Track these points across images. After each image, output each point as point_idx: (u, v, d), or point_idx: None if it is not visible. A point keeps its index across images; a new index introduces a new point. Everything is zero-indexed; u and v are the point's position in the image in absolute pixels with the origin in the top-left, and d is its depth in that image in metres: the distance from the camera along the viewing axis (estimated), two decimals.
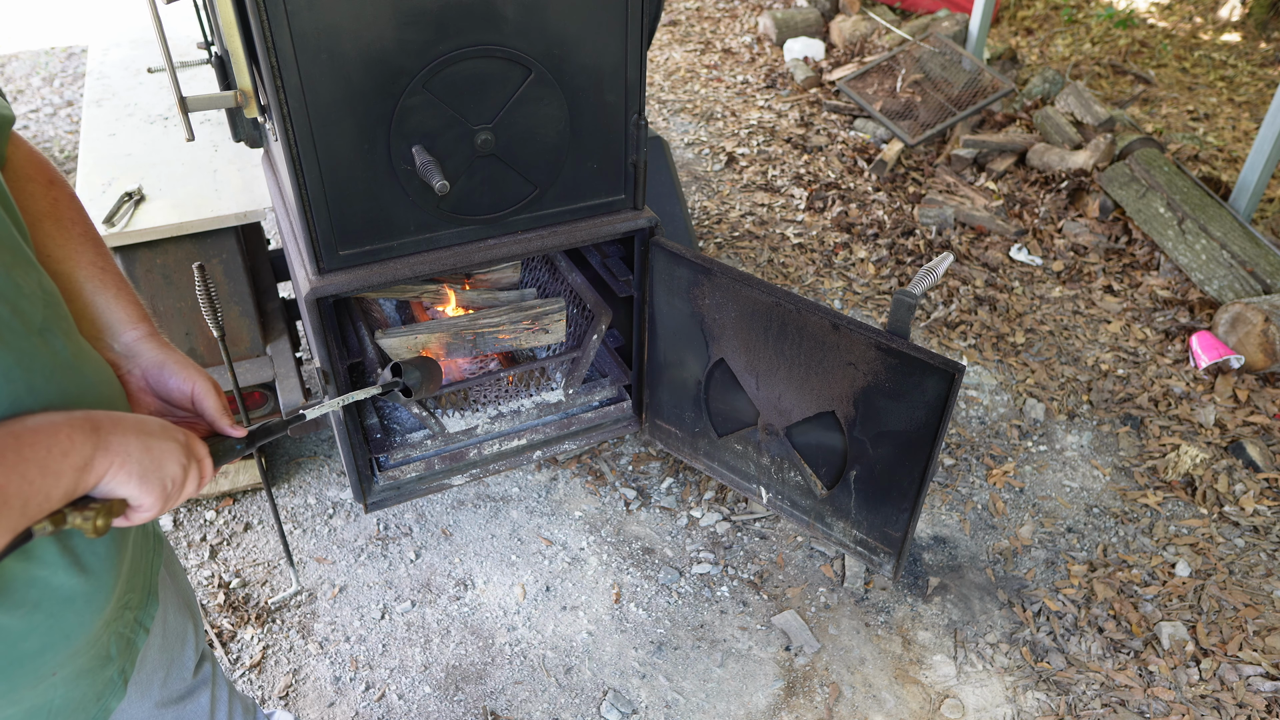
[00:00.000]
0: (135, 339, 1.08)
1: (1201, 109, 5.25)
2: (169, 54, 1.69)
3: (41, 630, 0.89)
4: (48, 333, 0.87)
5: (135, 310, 1.10)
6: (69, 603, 0.91)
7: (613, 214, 2.03)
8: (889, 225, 4.01)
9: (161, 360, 1.08)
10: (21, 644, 0.87)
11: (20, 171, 1.06)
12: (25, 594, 0.86)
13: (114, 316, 1.08)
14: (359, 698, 2.17)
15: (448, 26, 1.61)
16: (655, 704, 2.17)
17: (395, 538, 2.57)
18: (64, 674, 0.96)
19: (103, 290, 1.07)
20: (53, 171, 1.11)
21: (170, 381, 1.07)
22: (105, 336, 1.07)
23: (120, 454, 0.85)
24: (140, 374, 1.08)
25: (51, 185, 1.09)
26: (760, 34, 6.21)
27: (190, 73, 2.77)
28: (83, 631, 0.95)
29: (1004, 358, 3.30)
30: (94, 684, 1.03)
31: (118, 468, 0.84)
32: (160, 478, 0.89)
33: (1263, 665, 2.24)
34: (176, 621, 1.31)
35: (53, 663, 0.93)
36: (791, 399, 2.04)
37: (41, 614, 0.88)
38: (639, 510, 2.67)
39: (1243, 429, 2.96)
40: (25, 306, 0.84)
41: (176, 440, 0.93)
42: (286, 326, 2.55)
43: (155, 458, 0.88)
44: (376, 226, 1.77)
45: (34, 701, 0.94)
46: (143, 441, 0.87)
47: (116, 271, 1.11)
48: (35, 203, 1.06)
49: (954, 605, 2.41)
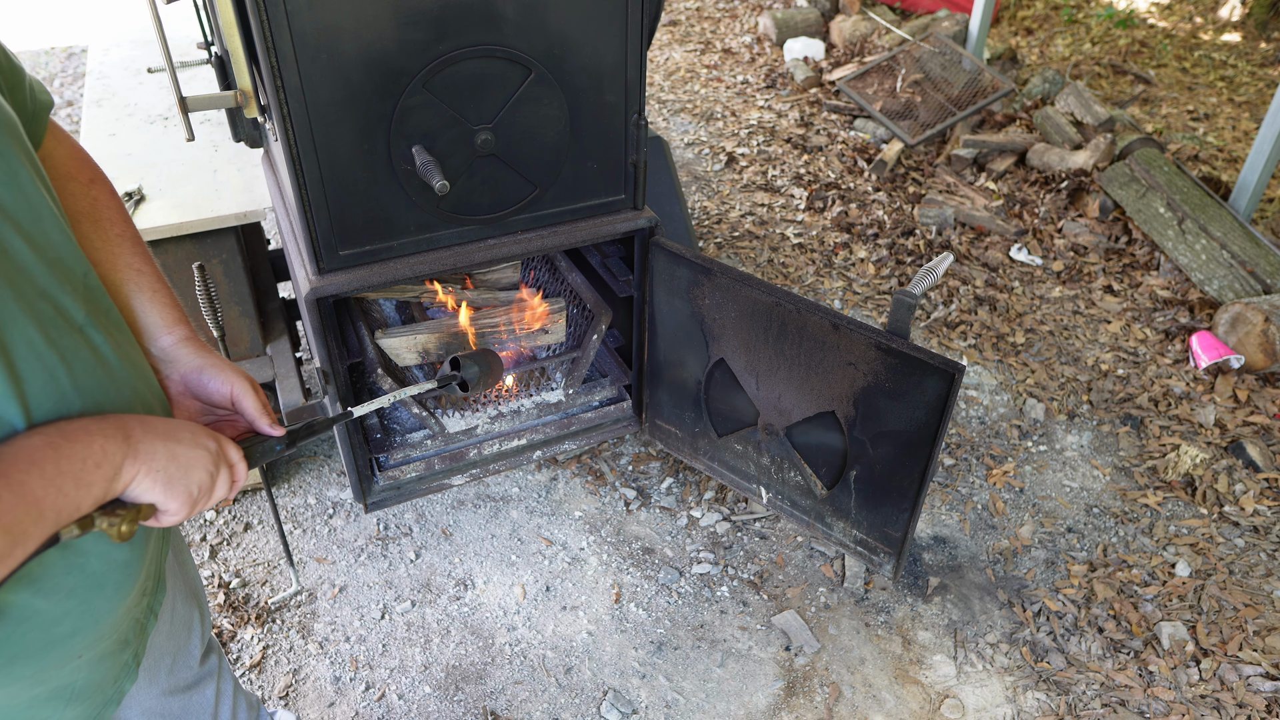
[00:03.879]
0: (172, 343, 1.10)
1: (1201, 109, 5.25)
2: (169, 54, 1.69)
3: (74, 614, 0.91)
4: (89, 328, 0.88)
5: (172, 313, 1.11)
6: (100, 588, 0.94)
7: (613, 214, 2.03)
8: (889, 225, 4.01)
9: (200, 364, 1.09)
10: (55, 627, 0.90)
11: (61, 169, 1.08)
12: (62, 580, 0.88)
13: (151, 320, 1.09)
14: (359, 698, 2.17)
15: (448, 26, 1.61)
16: (655, 704, 2.17)
17: (395, 538, 2.57)
18: (88, 657, 0.98)
19: (140, 292, 1.09)
20: (94, 168, 1.12)
21: (210, 385, 1.09)
22: (143, 340, 1.09)
23: (147, 461, 0.86)
24: (179, 379, 1.09)
25: (92, 184, 1.10)
26: (760, 34, 6.21)
27: (190, 73, 2.77)
28: (110, 615, 0.97)
29: (1004, 358, 3.30)
30: (112, 667, 1.05)
31: (144, 474, 0.86)
32: (186, 485, 0.91)
33: (1263, 665, 2.24)
34: (183, 610, 1.33)
35: (80, 646, 0.95)
36: (791, 399, 2.04)
37: (76, 599, 0.91)
38: (639, 510, 2.67)
39: (1243, 429, 2.96)
40: (67, 304, 0.86)
41: (205, 448, 0.94)
42: (286, 326, 2.55)
43: (182, 465, 0.90)
44: (376, 226, 1.77)
45: (60, 682, 0.96)
46: (170, 449, 0.89)
47: (154, 272, 1.12)
48: (75, 202, 1.07)
49: (954, 605, 2.41)
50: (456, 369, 1.52)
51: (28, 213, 0.84)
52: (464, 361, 1.52)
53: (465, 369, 1.51)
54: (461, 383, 1.52)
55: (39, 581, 0.86)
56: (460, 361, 1.52)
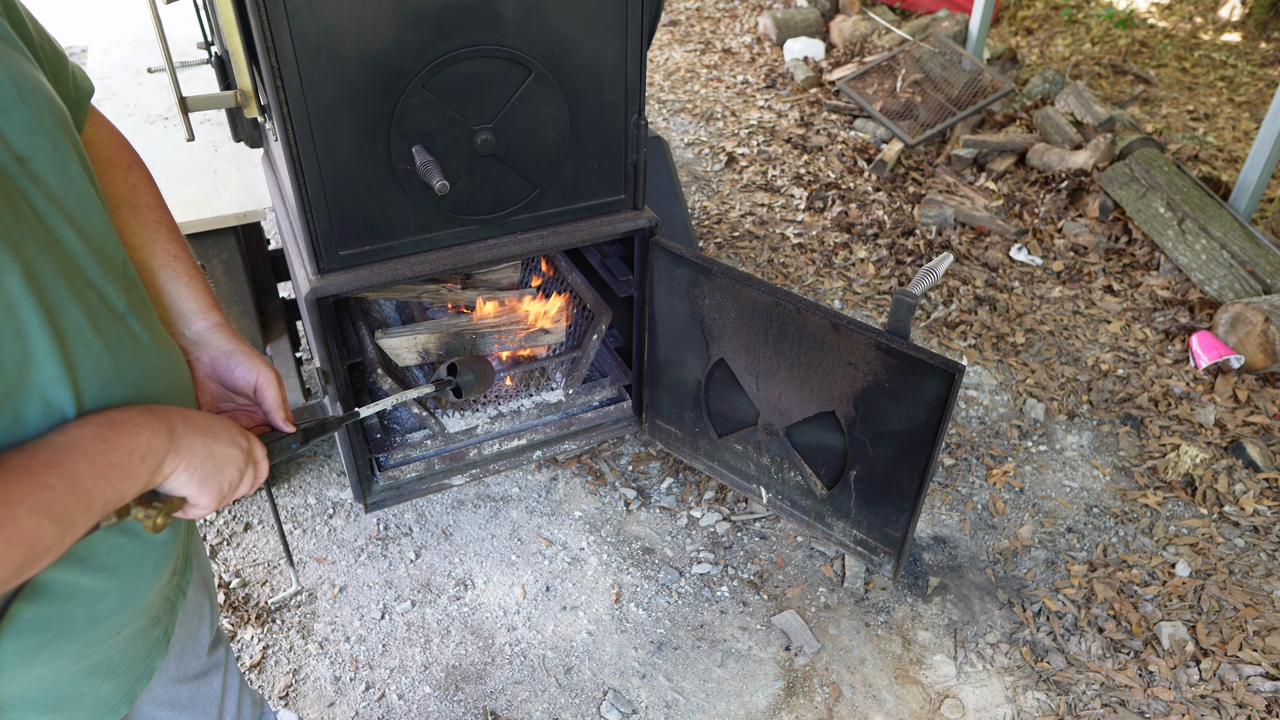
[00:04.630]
0: (206, 328, 1.12)
1: (1201, 109, 5.25)
2: (169, 54, 1.69)
3: (117, 592, 0.93)
4: (129, 316, 0.90)
5: (206, 299, 1.13)
6: (140, 566, 0.96)
7: (613, 214, 2.03)
8: (889, 225, 4.01)
9: (230, 350, 1.12)
10: (99, 604, 0.92)
11: (102, 154, 1.09)
12: (107, 558, 0.90)
13: (186, 305, 1.11)
14: (359, 698, 2.17)
15: (448, 26, 1.61)
16: (655, 704, 2.17)
17: (395, 538, 2.57)
18: (126, 633, 1.00)
19: (175, 279, 1.11)
20: (132, 154, 1.14)
21: (236, 371, 1.11)
22: (177, 324, 1.11)
23: (188, 456, 0.88)
24: (209, 361, 1.12)
25: (130, 169, 1.12)
26: (760, 34, 6.21)
27: (190, 73, 2.78)
28: (148, 593, 1.00)
29: (1004, 358, 3.30)
30: (145, 643, 1.08)
31: (183, 469, 0.88)
32: (219, 481, 0.93)
33: (1263, 665, 2.24)
34: (196, 597, 1.35)
35: (120, 622, 0.97)
36: (791, 399, 2.04)
37: (119, 577, 0.93)
38: (639, 510, 2.67)
39: (1243, 429, 2.96)
40: (110, 292, 0.88)
41: (239, 446, 0.96)
42: (286, 326, 2.55)
43: (218, 462, 0.92)
44: (376, 226, 1.77)
45: (99, 658, 0.98)
46: (208, 445, 0.91)
47: (189, 258, 1.14)
48: (115, 188, 1.09)
49: (954, 605, 2.41)
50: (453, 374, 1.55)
51: (76, 202, 0.86)
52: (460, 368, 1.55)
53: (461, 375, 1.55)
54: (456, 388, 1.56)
55: (85, 561, 0.88)
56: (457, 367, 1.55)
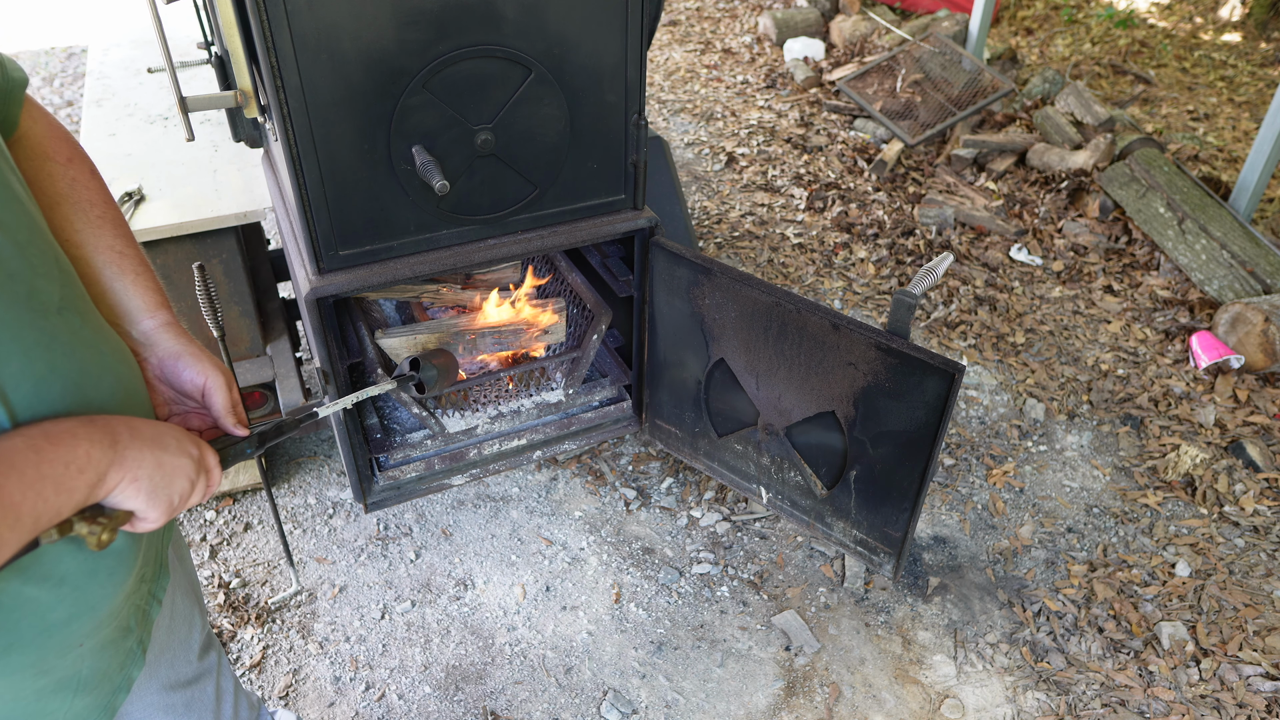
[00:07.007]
0: (154, 327, 1.08)
1: (1201, 109, 5.25)
2: (169, 54, 1.69)
3: (68, 601, 0.90)
4: (66, 311, 0.86)
5: (154, 297, 1.09)
6: (93, 575, 0.92)
7: (613, 214, 2.03)
8: (889, 225, 4.01)
9: (178, 351, 1.07)
10: (49, 615, 0.89)
11: (38, 148, 1.05)
12: (53, 567, 0.87)
13: (133, 303, 1.07)
14: (359, 698, 2.17)
15: (448, 26, 1.61)
16: (655, 704, 2.17)
17: (395, 538, 2.57)
18: (90, 645, 0.97)
19: (121, 276, 1.06)
20: (72, 146, 1.09)
21: (184, 373, 1.07)
22: (124, 323, 1.07)
23: (133, 469, 0.85)
24: (156, 363, 1.07)
25: (70, 163, 1.07)
26: (760, 34, 6.21)
27: (190, 73, 2.77)
28: (107, 603, 0.96)
29: (1004, 358, 3.30)
30: (117, 654, 1.05)
31: (129, 482, 0.84)
32: (169, 493, 0.90)
33: (1263, 665, 2.24)
34: (183, 603, 1.32)
35: (79, 634, 0.94)
36: (791, 399, 2.04)
37: (68, 586, 0.89)
38: (639, 510, 2.67)
39: (1243, 429, 2.96)
40: (42, 285, 0.84)
41: (189, 455, 0.93)
42: (286, 326, 2.55)
43: (167, 474, 0.89)
44: (376, 226, 1.77)
45: (65, 672, 0.95)
46: (156, 457, 0.88)
47: (137, 255, 1.10)
48: (54, 184, 1.04)
49: (954, 605, 2.41)
50: (415, 369, 1.54)
51: None
52: (423, 363, 1.54)
53: (424, 370, 1.53)
54: (418, 383, 1.54)
55: (28, 570, 0.84)
56: (419, 362, 1.54)
